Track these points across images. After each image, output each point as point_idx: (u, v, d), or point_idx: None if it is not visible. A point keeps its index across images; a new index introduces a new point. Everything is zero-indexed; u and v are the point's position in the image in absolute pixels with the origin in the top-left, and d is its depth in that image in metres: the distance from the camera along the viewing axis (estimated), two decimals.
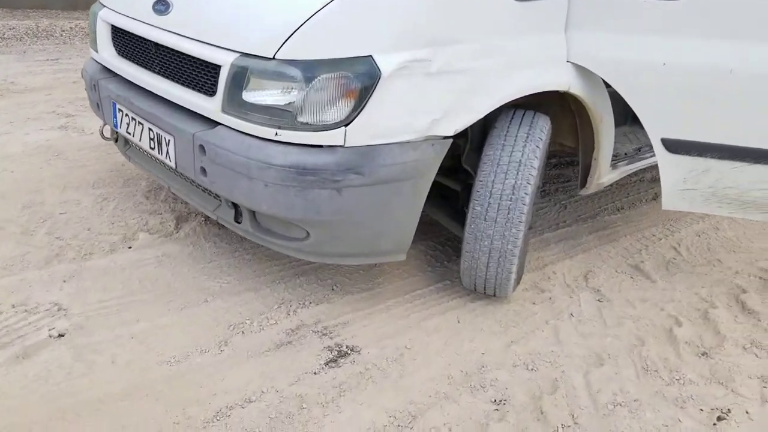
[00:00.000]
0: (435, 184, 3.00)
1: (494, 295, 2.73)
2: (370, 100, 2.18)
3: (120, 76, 2.95)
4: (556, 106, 2.85)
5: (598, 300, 2.87)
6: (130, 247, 3.03)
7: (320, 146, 2.23)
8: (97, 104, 3.14)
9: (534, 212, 3.59)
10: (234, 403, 2.10)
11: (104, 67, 3.09)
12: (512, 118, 2.61)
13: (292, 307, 2.62)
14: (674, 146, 2.61)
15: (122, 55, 2.95)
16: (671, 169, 2.66)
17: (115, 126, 2.97)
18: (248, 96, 2.26)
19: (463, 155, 2.81)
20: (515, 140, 2.54)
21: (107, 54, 3.03)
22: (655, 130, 2.61)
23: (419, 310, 2.67)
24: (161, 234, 3.14)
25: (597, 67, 2.58)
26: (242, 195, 2.34)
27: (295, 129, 2.20)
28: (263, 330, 2.48)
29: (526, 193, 2.47)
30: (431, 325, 2.58)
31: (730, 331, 2.65)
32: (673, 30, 2.47)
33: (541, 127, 2.58)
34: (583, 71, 2.60)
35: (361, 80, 2.16)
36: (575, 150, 3.06)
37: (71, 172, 3.88)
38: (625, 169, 3.23)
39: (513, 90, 2.47)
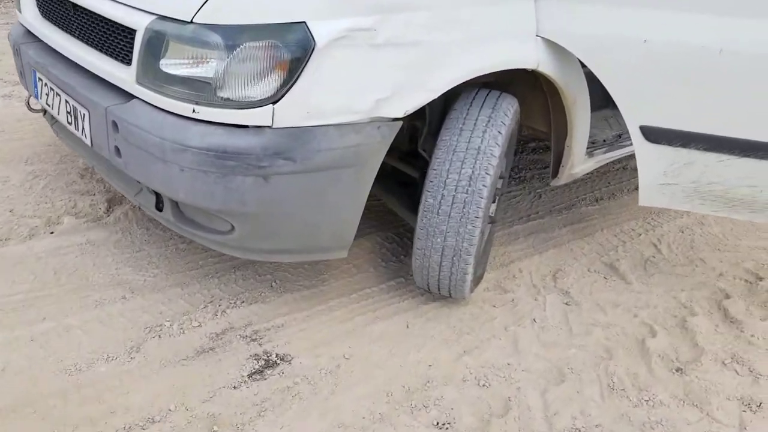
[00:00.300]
0: (392, 170, 2.72)
1: (450, 297, 2.44)
2: (302, 74, 1.88)
3: (42, 41, 2.62)
4: (527, 86, 2.55)
5: (566, 303, 2.59)
6: (52, 233, 2.73)
7: (245, 126, 1.92)
8: (21, 72, 2.83)
9: (505, 201, 3.31)
10: (133, 424, 1.81)
11: (28, 30, 2.76)
12: (473, 99, 2.32)
13: (222, 307, 2.33)
14: (654, 135, 2.32)
15: (45, 17, 2.63)
16: (650, 160, 2.37)
17: (36, 96, 2.67)
18: (165, 65, 1.96)
19: (420, 139, 2.51)
20: (475, 124, 2.24)
21: (30, 15, 2.71)
22: (634, 116, 2.32)
23: (365, 312, 2.39)
24: (89, 218, 2.83)
25: (569, 42, 2.27)
26: (158, 180, 2.04)
27: (215, 105, 1.90)
28: (184, 333, 2.19)
29: (484, 185, 2.18)
30: (376, 330, 2.30)
31: (709, 344, 2.39)
32: (656, 2, 2.16)
33: (506, 109, 2.29)
34: (554, 47, 2.30)
35: (291, 50, 1.86)
36: (548, 135, 2.76)
37: (6, 145, 3.56)
38: (603, 158, 2.94)
39: (473, 67, 2.17)
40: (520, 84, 2.59)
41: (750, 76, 2.12)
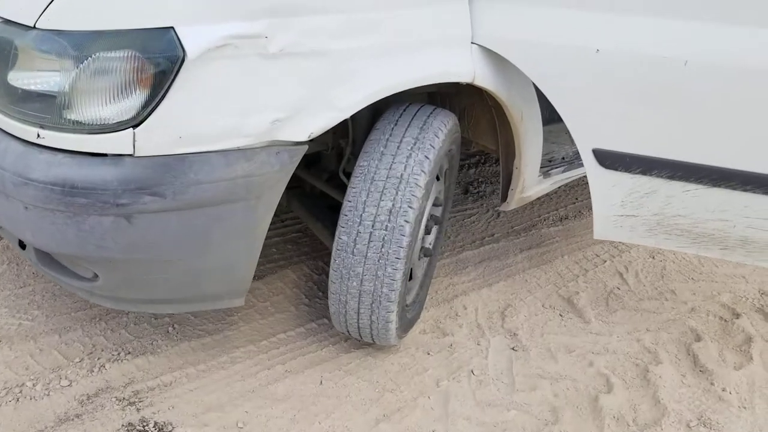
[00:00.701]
0: (320, 194, 2.38)
1: (374, 344, 2.10)
2: (170, 90, 1.53)
3: None
4: (474, 96, 2.21)
5: (513, 348, 2.25)
6: None
7: (102, 155, 1.56)
8: None
9: (457, 222, 2.97)
10: None
11: None
12: (399, 117, 1.97)
13: (101, 360, 1.98)
14: (610, 160, 1.98)
15: None
16: (606, 189, 2.03)
17: None
18: (13, 79, 1.60)
19: (343, 161, 2.17)
20: (398, 147, 1.89)
21: None
22: (585, 138, 1.98)
23: (273, 364, 2.05)
24: None
25: (508, 51, 1.93)
26: (4, 219, 1.69)
27: (63, 129, 1.55)
28: (48, 396, 1.84)
29: (406, 221, 1.83)
30: (281, 389, 1.96)
31: (674, 401, 2.06)
32: (610, 5, 1.82)
33: (437, 128, 1.94)
34: (494, 56, 1.95)
35: (154, 62, 1.51)
36: (497, 153, 2.42)
37: None
38: (561, 178, 2.61)
39: (392, 81, 1.82)
40: (465, 94, 2.25)
41: (721, 92, 1.78)
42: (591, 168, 2.00)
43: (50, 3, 1.51)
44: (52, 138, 1.56)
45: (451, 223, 3.04)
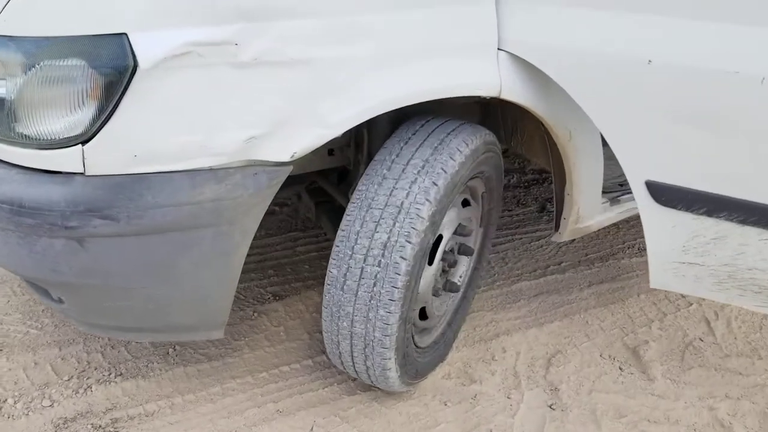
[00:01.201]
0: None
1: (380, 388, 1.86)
2: (121, 103, 1.37)
3: None
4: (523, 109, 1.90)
5: (550, 406, 1.92)
6: None
7: (55, 172, 1.44)
8: None
9: (521, 246, 2.65)
10: None
11: None
12: (415, 133, 1.71)
13: (89, 381, 1.88)
14: (666, 196, 1.61)
15: None
16: (663, 230, 1.66)
17: None
18: None
19: (354, 181, 1.94)
20: (404, 170, 1.64)
21: None
22: (636, 168, 1.62)
23: (266, 401, 1.86)
24: None
25: (541, 60, 1.61)
26: None
27: (12, 143, 1.44)
28: (27, 415, 1.77)
29: (402, 257, 1.57)
30: None
31: None
32: (667, 6, 1.46)
33: (454, 149, 1.66)
34: (528, 64, 1.64)
35: (104, 72, 1.35)
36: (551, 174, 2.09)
37: None
38: (634, 206, 2.20)
39: (395, 94, 1.56)
40: (515, 105, 1.94)
41: None
42: (644, 204, 1.64)
43: (4, 7, 1.40)
44: (3, 152, 1.45)
45: (514, 246, 2.71)
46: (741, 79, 1.39)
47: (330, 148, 1.99)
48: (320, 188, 2.22)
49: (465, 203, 1.93)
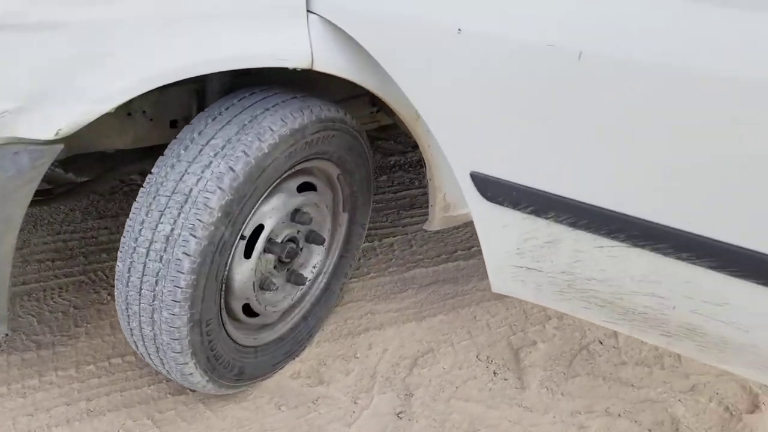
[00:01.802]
0: None
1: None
2: None
3: None
4: None
5: (398, 414, 1.73)
6: None
7: None
8: None
9: (426, 231, 2.43)
10: None
11: None
12: (227, 109, 1.49)
13: None
14: (492, 191, 1.37)
15: None
16: (494, 229, 1.43)
17: None
18: None
19: None
20: (200, 152, 1.43)
21: None
22: (460, 157, 1.38)
23: (80, 398, 1.72)
24: None
25: (353, 27, 1.36)
26: None
27: None
28: None
29: (186, 253, 1.37)
30: None
31: None
32: None
33: (266, 128, 1.45)
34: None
35: None
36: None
37: None
38: None
39: (176, 65, 1.34)
40: None
41: (640, 104, 1.11)
42: (472, 200, 1.40)
43: None
44: None
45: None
46: (556, 53, 1.14)
47: (173, 119, 1.78)
48: None
49: (308, 187, 1.71)
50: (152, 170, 1.46)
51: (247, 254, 1.57)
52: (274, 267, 1.70)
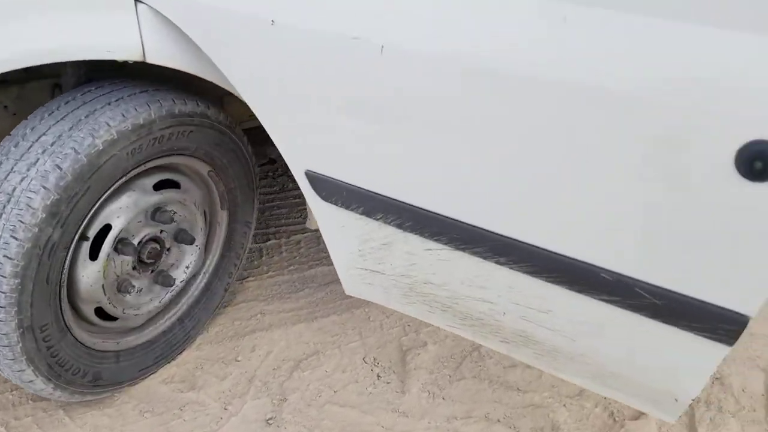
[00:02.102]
0: None
1: None
2: None
3: None
4: None
5: (267, 421, 1.67)
6: None
7: None
8: None
9: None
10: None
11: None
12: (67, 102, 1.43)
13: None
14: (326, 190, 1.30)
15: None
16: (335, 230, 1.36)
17: None
18: None
19: None
20: (29, 149, 1.37)
21: None
22: (294, 155, 1.32)
23: None
24: None
25: (179, 17, 1.29)
26: None
27: None
28: None
29: (6, 256, 1.32)
30: None
31: None
32: None
33: (102, 124, 1.38)
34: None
35: None
36: None
37: None
38: None
39: None
40: None
41: (444, 98, 1.04)
42: (311, 200, 1.34)
43: None
44: None
45: None
46: (361, 46, 1.07)
47: None
48: None
49: (171, 184, 1.65)
50: None
51: (94, 256, 1.51)
52: (134, 268, 1.63)
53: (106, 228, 1.52)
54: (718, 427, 1.69)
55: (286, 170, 2.46)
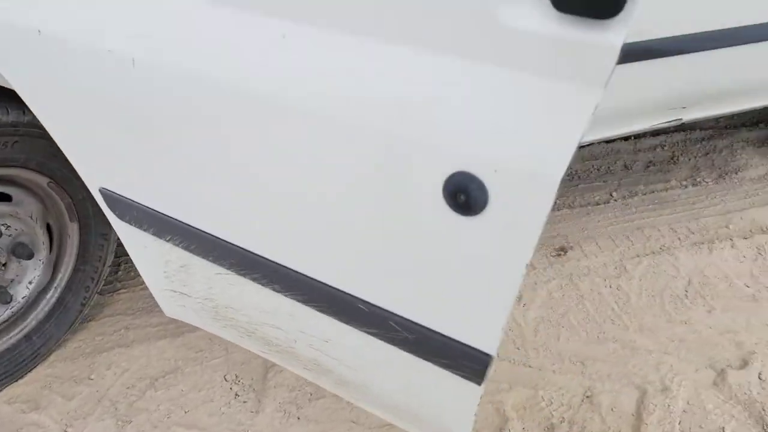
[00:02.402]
0: None
1: None
2: None
3: None
4: None
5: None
6: None
7: None
8: None
9: None
10: None
11: None
12: None
13: None
14: (119, 209, 1.23)
15: None
16: (138, 250, 1.29)
17: None
18: None
19: None
20: None
21: None
22: (87, 171, 1.24)
23: None
24: None
25: None
26: None
27: None
28: None
29: None
30: None
31: None
32: None
33: None
34: None
35: None
36: None
37: None
38: None
39: None
40: None
41: (185, 113, 0.98)
42: (111, 218, 1.26)
43: None
44: None
45: None
46: (116, 59, 1.00)
47: None
48: None
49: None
50: None
51: None
52: None
53: None
54: None
55: None
